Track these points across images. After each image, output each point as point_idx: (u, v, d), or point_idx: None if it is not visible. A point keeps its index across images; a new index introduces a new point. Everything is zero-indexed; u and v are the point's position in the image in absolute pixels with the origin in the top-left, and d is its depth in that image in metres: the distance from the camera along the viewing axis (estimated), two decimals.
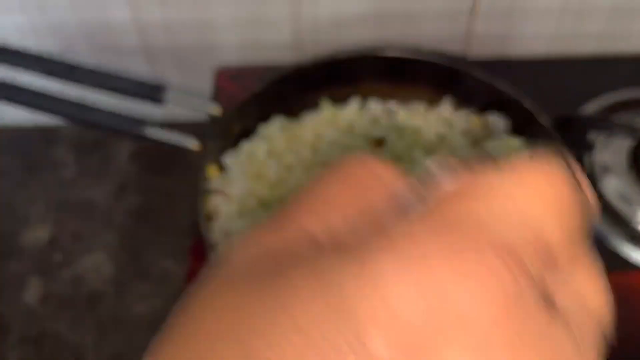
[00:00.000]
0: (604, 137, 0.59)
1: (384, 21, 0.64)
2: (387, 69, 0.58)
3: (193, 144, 0.51)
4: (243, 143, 0.54)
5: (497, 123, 0.56)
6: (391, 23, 0.64)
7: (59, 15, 0.62)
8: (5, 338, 0.56)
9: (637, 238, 0.53)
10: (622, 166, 0.57)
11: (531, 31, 0.66)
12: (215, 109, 0.54)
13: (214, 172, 0.52)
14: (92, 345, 0.56)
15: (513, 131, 0.56)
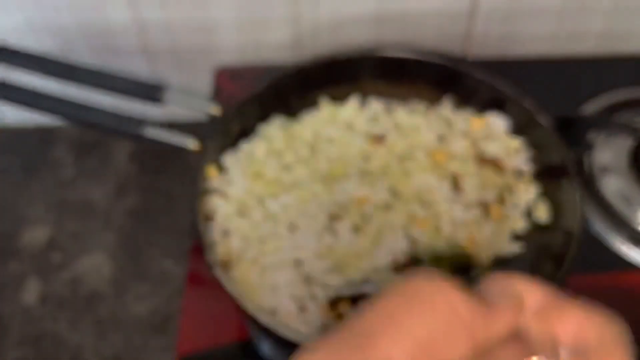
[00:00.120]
0: (604, 137, 0.59)
1: (383, 22, 0.64)
2: (387, 69, 0.58)
3: (192, 144, 0.51)
4: (242, 143, 0.54)
5: (497, 123, 0.56)
6: (390, 23, 0.64)
7: (58, 15, 0.62)
8: (4, 338, 0.56)
9: (637, 238, 0.53)
10: (622, 166, 0.57)
11: (531, 31, 0.66)
12: (215, 109, 0.53)
13: (213, 172, 0.52)
14: (91, 345, 0.55)
15: (513, 131, 0.56)
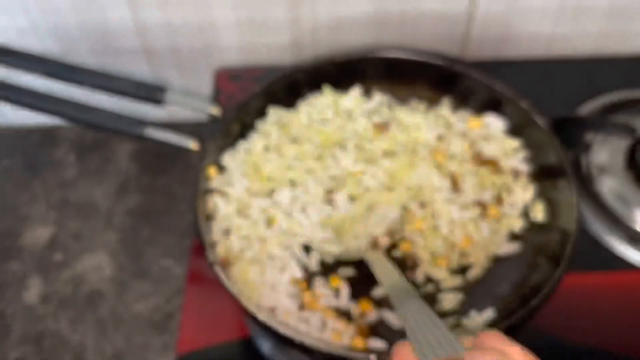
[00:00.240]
0: (600, 137, 0.59)
1: (381, 24, 0.64)
2: (386, 70, 0.58)
3: (193, 144, 0.51)
4: (241, 143, 0.55)
5: (495, 124, 0.56)
6: (389, 25, 0.64)
7: (60, 16, 0.62)
8: (6, 337, 0.56)
9: (634, 238, 0.54)
10: (619, 166, 0.57)
11: (528, 33, 0.66)
12: (215, 110, 0.54)
13: (213, 172, 0.52)
14: (93, 344, 0.56)
15: (510, 132, 0.56)
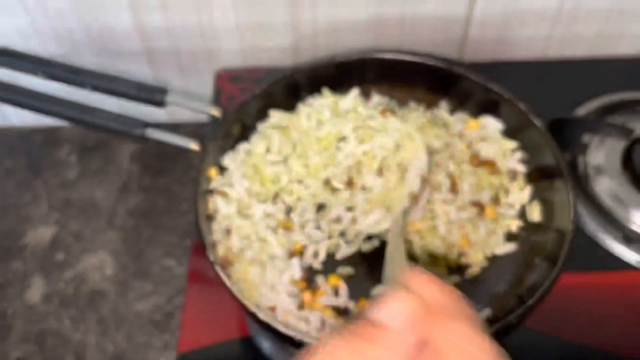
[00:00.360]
0: (597, 139, 0.59)
1: (380, 26, 0.64)
2: (385, 71, 0.58)
3: (194, 145, 0.51)
4: (242, 144, 0.55)
5: (492, 125, 0.56)
6: (388, 28, 0.65)
7: (62, 19, 0.62)
8: (8, 336, 0.57)
9: (631, 238, 0.54)
10: (615, 167, 0.57)
11: (525, 35, 0.66)
12: (216, 111, 0.54)
13: (214, 172, 0.52)
14: (94, 343, 0.56)
15: (508, 133, 0.56)
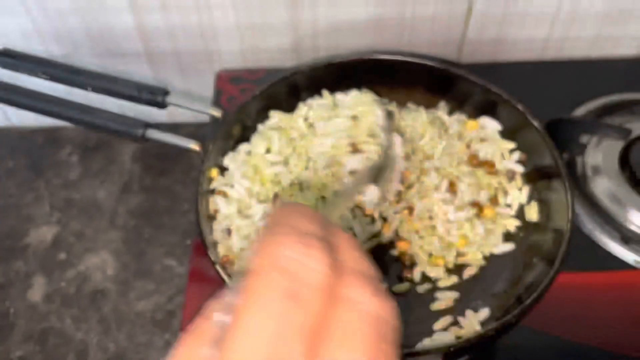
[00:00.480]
0: (595, 139, 0.59)
1: (380, 27, 0.65)
2: (384, 72, 0.58)
3: (194, 146, 0.52)
4: (242, 144, 0.55)
5: (491, 126, 0.57)
6: (387, 29, 0.65)
7: (63, 19, 0.63)
8: (10, 335, 0.57)
9: (628, 238, 0.54)
10: (613, 167, 0.57)
11: (524, 36, 0.67)
12: (216, 112, 0.54)
13: (214, 172, 0.53)
14: (96, 342, 0.56)
15: (506, 134, 0.56)
